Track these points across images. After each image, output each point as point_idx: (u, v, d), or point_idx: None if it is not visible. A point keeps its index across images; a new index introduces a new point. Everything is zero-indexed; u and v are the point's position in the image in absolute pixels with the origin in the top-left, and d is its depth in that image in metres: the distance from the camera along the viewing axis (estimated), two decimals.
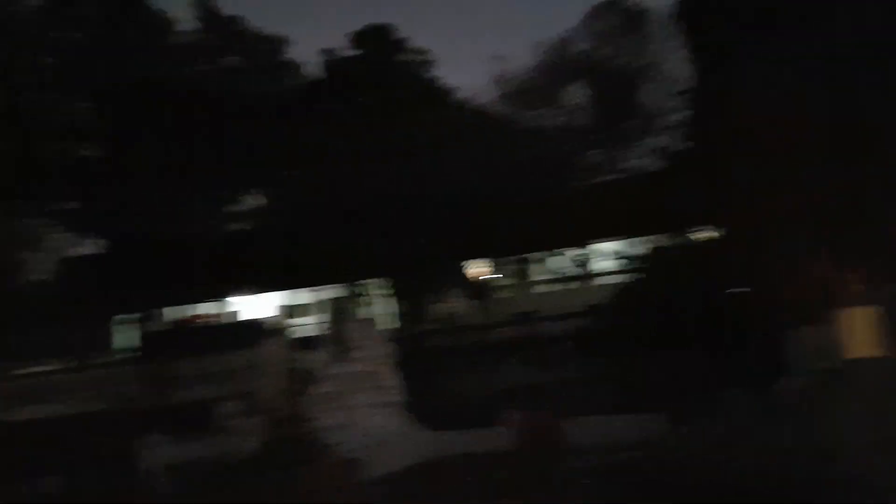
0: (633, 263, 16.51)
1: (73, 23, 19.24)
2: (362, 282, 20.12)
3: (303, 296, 21.63)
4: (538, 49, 19.89)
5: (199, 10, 20.73)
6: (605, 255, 20.19)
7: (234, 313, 21.80)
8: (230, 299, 21.70)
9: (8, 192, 17.69)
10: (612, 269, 19.49)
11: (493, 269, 22.39)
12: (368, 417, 13.52)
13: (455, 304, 20.60)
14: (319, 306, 21.08)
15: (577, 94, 20.21)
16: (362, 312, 19.20)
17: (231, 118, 17.91)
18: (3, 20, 19.27)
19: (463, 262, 20.95)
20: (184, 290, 19.15)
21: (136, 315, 19.95)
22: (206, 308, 21.93)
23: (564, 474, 9.51)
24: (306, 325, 20.62)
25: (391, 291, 19.83)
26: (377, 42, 19.81)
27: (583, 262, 20.73)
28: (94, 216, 18.82)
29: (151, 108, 17.77)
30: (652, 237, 15.76)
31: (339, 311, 19.16)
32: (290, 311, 21.46)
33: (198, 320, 21.56)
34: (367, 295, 20.10)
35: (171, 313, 20.99)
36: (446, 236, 17.80)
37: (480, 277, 21.91)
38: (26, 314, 18.99)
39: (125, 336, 20.75)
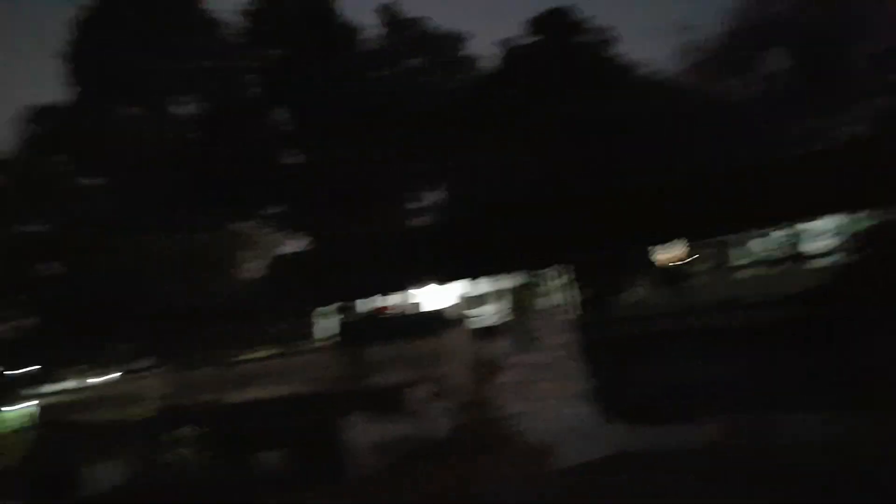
0: (851, 243, 15.26)
1: (275, 39, 22.02)
2: (543, 270, 20.59)
3: (483, 286, 22.61)
4: (729, 14, 18.91)
5: (384, 15, 22.67)
6: (817, 234, 18.72)
7: (418, 304, 23.42)
8: (415, 290, 23.34)
9: (225, 198, 20.78)
10: (826, 250, 18.05)
11: (686, 253, 21.66)
12: (553, 407, 14.07)
13: (643, 292, 20.32)
14: (500, 296, 21.94)
15: (776, 58, 18.84)
16: (544, 302, 19.69)
17: (415, 115, 19.33)
18: (215, 41, 22.63)
19: (652, 246, 20.57)
20: (372, 282, 21.07)
21: (334, 306, 22.33)
22: (393, 299, 23.79)
23: (768, 475, 9.31)
24: (487, 315, 21.61)
25: (574, 279, 20.09)
26: (556, 26, 20.14)
27: (790, 243, 19.39)
28: (296, 217, 21.48)
29: (344, 112, 19.80)
30: (873, 212, 14.40)
31: (521, 300, 19.84)
32: (471, 301, 22.60)
33: (386, 311, 23.53)
34: (549, 283, 20.56)
35: (363, 305, 23.11)
36: (632, 219, 17.70)
37: (671, 262, 21.33)
38: (243, 307, 22.19)
39: (325, 326, 23.34)
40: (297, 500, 13.66)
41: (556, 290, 20.43)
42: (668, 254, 21.14)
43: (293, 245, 22.88)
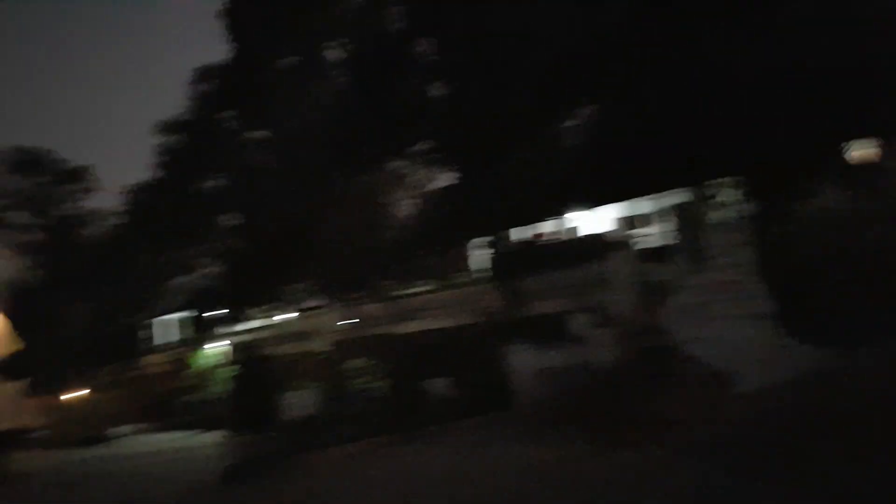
0: None
1: None
2: (714, 182, 19.13)
3: (646, 205, 21.51)
4: None
5: None
6: None
7: (575, 229, 22.86)
8: (572, 216, 22.78)
9: (380, 139, 21.50)
10: None
11: (888, 149, 19.05)
12: (733, 329, 13.31)
13: (833, 199, 18.26)
14: (665, 214, 20.80)
15: None
16: (716, 217, 18.38)
17: (567, 32, 18.36)
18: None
19: (844, 143, 18.27)
20: (526, 210, 20.84)
21: (488, 238, 22.52)
22: (547, 226, 23.44)
23: None
24: (652, 236, 20.65)
25: (752, 189, 18.48)
26: None
27: None
28: (445, 153, 21.74)
29: (491, 37, 19.31)
30: None
31: (689, 218, 18.70)
32: (633, 221, 21.64)
33: (542, 238, 23.27)
34: (721, 197, 19.09)
35: (517, 234, 23.03)
36: (818, 115, 15.77)
37: (868, 160, 18.88)
38: (403, 244, 23.14)
39: (480, 258, 23.69)
40: (465, 426, 14.22)
41: (731, 204, 18.97)
42: (864, 151, 18.69)
43: (447, 179, 23.20)
